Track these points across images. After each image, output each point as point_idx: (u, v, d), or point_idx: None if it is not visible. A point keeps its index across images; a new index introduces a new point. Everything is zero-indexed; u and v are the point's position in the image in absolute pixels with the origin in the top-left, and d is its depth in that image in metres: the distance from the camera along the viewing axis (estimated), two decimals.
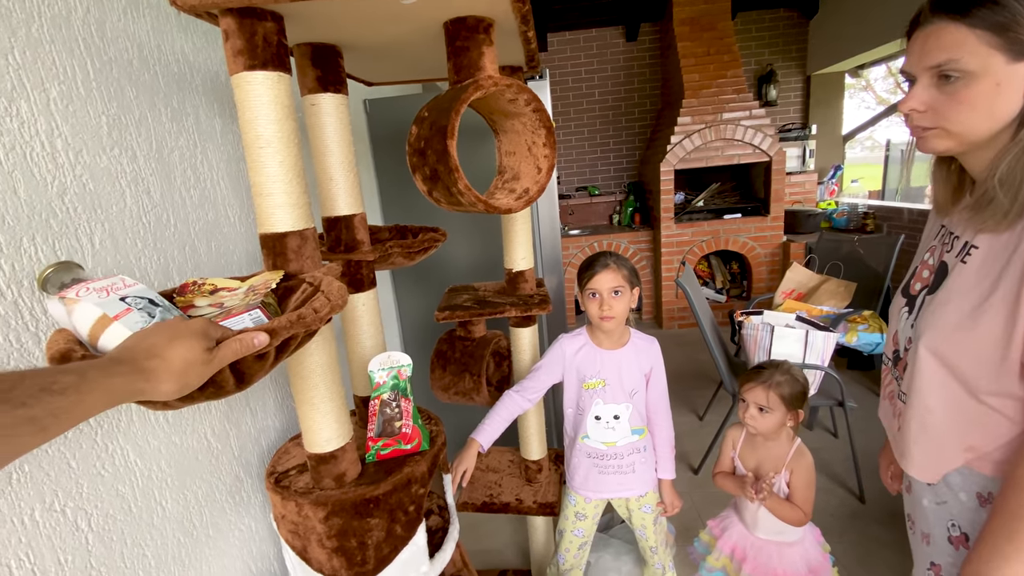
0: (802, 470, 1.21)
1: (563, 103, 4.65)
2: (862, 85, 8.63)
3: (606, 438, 1.27)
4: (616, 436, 1.27)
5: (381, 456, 0.94)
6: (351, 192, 0.96)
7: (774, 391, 1.21)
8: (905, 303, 0.84)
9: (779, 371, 1.24)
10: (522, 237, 1.31)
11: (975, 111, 0.63)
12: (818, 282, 2.85)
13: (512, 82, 0.78)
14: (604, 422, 1.26)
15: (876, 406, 2.66)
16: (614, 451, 1.28)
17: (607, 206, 4.73)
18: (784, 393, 1.21)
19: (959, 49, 0.61)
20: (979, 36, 0.60)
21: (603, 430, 1.27)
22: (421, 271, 1.98)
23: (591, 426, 1.27)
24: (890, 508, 1.91)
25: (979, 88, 0.62)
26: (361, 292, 1.00)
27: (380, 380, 0.93)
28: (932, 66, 0.64)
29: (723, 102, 3.73)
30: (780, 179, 3.72)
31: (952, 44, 0.61)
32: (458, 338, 1.38)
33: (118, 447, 0.73)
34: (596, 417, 1.26)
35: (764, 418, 1.22)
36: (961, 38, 0.61)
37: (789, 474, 1.21)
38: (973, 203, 0.70)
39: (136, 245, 0.79)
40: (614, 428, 1.27)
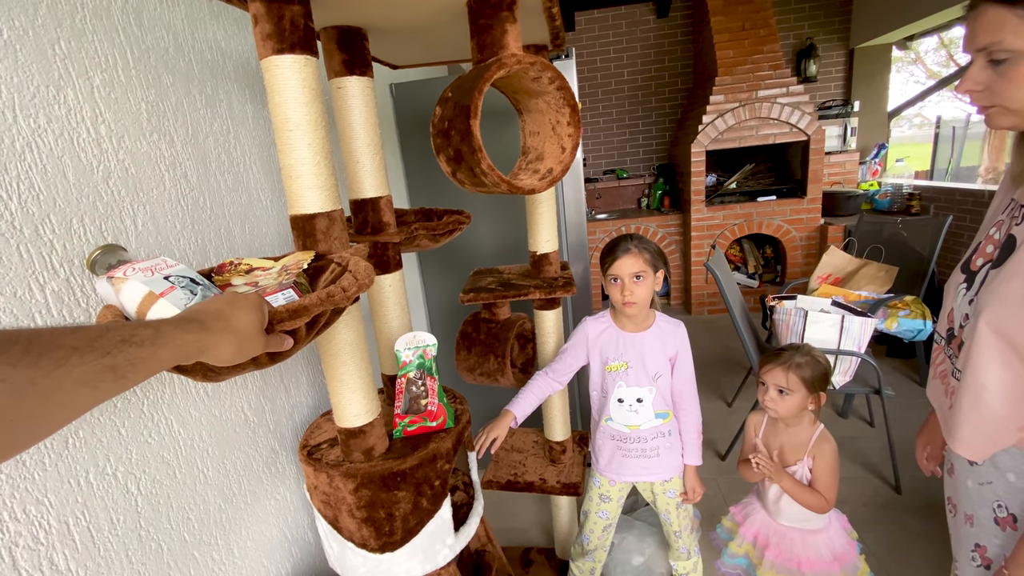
0: (825, 456, 1.18)
1: (591, 84, 4.56)
2: (911, 58, 8.15)
3: (629, 421, 1.27)
4: (639, 419, 1.27)
5: (408, 432, 0.96)
6: (377, 175, 0.97)
7: (794, 372, 1.19)
8: (964, 279, 0.81)
9: (800, 353, 1.22)
10: (547, 219, 1.31)
11: None
12: (857, 266, 2.75)
13: (536, 60, 0.77)
14: (627, 405, 1.26)
15: (917, 394, 2.58)
16: (637, 434, 1.28)
17: (635, 189, 4.65)
18: (805, 375, 1.19)
19: (1001, 30, 0.62)
20: (1020, 16, 0.61)
21: (626, 413, 1.27)
22: (447, 254, 2.00)
23: (614, 408, 1.27)
24: (926, 499, 1.86)
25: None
26: (388, 274, 1.02)
27: (406, 359, 0.96)
28: (980, 48, 0.66)
29: (759, 79, 3.59)
30: (818, 159, 3.57)
31: (995, 26, 0.63)
32: (483, 320, 1.39)
33: (163, 417, 0.77)
34: (619, 400, 1.26)
35: (784, 400, 1.20)
36: (1002, 19, 0.62)
37: (812, 460, 1.19)
38: None
39: (175, 227, 0.83)
40: (637, 411, 1.26)
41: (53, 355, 0.31)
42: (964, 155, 5.14)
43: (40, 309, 0.60)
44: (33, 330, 0.32)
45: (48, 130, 0.62)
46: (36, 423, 0.31)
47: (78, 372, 0.32)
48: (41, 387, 0.30)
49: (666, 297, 4.40)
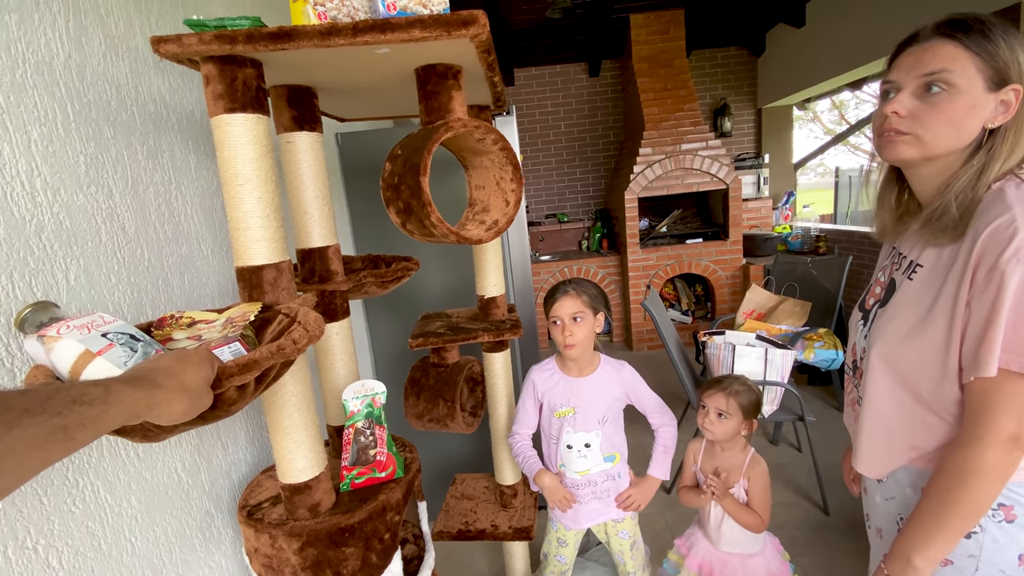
0: (758, 477, 1.28)
1: (531, 135, 4.80)
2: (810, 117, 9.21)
3: (579, 467, 1.30)
4: (589, 464, 1.30)
5: (356, 485, 0.95)
6: (325, 225, 0.99)
7: (734, 398, 1.29)
8: (861, 317, 0.92)
9: (738, 382, 1.33)
10: (493, 264, 1.36)
11: (949, 123, 0.71)
12: (776, 302, 2.99)
13: (480, 123, 0.84)
14: (576, 451, 1.29)
15: (836, 419, 2.79)
16: (588, 479, 1.31)
17: (576, 232, 4.85)
18: (742, 401, 1.29)
19: (953, 63, 0.69)
20: (971, 58, 0.69)
21: (576, 459, 1.29)
22: (394, 299, 2.00)
23: (564, 455, 1.30)
24: (853, 519, 1.99)
25: (959, 103, 0.70)
26: (335, 321, 1.02)
27: (354, 408, 0.95)
28: (926, 73, 0.71)
29: (681, 134, 3.93)
30: (737, 205, 3.92)
31: (948, 58, 0.70)
32: (432, 365, 1.40)
33: (88, 483, 0.72)
34: (568, 446, 1.29)
35: (722, 424, 1.29)
36: (955, 54, 0.69)
37: (747, 481, 1.28)
38: (924, 219, 0.77)
39: (110, 280, 0.80)
40: (586, 456, 1.29)
41: (5, 417, 0.31)
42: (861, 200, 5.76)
43: None
44: None
45: None
46: None
47: (30, 434, 0.32)
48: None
49: (608, 335, 4.55)
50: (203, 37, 0.69)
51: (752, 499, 1.27)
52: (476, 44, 0.75)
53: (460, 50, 0.79)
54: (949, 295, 0.73)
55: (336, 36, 0.70)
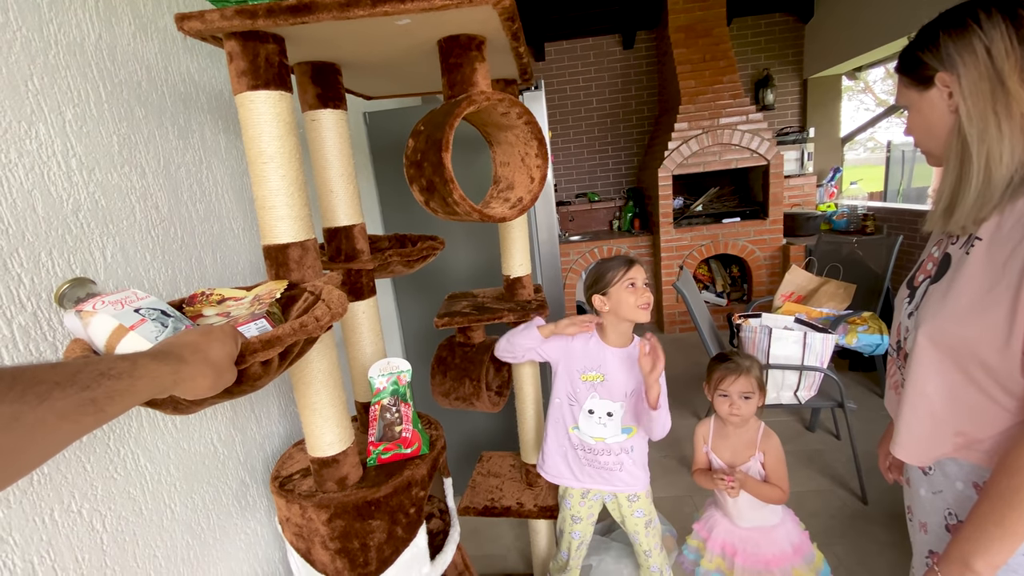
0: (773, 449, 1.28)
1: (561, 111, 4.70)
2: (860, 87, 8.66)
3: (596, 433, 1.29)
4: (607, 432, 1.30)
5: (382, 460, 0.96)
6: (351, 203, 0.99)
7: (754, 376, 1.28)
8: (908, 294, 0.87)
9: (745, 358, 1.32)
10: (519, 244, 1.34)
11: (918, 133, 0.81)
12: (817, 284, 2.87)
13: (504, 96, 0.81)
14: (597, 417, 1.28)
15: (878, 406, 2.68)
16: (603, 446, 1.30)
17: (607, 212, 4.76)
18: (757, 375, 1.29)
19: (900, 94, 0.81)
20: (903, 82, 0.80)
21: (594, 425, 1.29)
22: (421, 279, 2.01)
23: (583, 419, 1.29)
24: (891, 508, 1.92)
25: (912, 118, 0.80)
26: (361, 300, 1.03)
27: (380, 386, 0.96)
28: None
29: (720, 107, 3.76)
30: (778, 182, 3.75)
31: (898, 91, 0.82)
32: (458, 344, 1.40)
33: (129, 451, 0.76)
34: (589, 411, 1.28)
35: (748, 404, 1.28)
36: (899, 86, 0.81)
37: (763, 455, 1.26)
38: None
39: (145, 258, 0.83)
40: (605, 424, 1.29)
41: (36, 390, 0.32)
42: (914, 176, 5.44)
43: (7, 344, 0.59)
44: (15, 367, 0.33)
45: (19, 164, 0.63)
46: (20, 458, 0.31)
47: (60, 406, 0.33)
48: (26, 422, 0.31)
49: None
50: (225, 13, 0.69)
51: (770, 472, 1.27)
52: (499, 11, 0.72)
53: (483, 19, 0.76)
54: (1014, 271, 0.67)
55: (355, 7, 0.68)
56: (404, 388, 0.97)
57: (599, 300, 1.23)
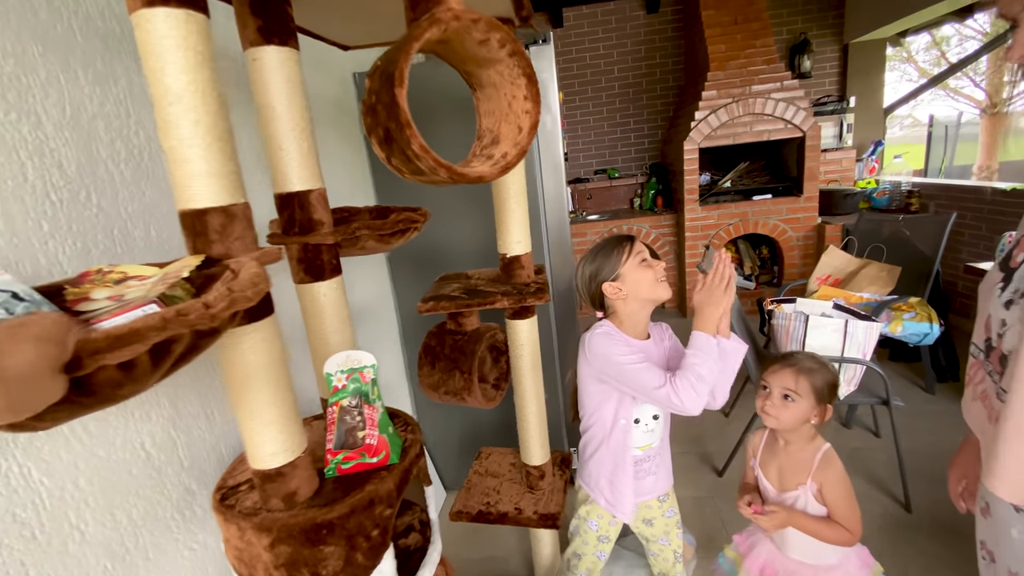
0: (834, 480, 1.04)
1: (580, 81, 4.43)
2: (903, 56, 8.09)
3: (642, 442, 1.14)
4: (654, 437, 1.15)
5: (342, 471, 0.81)
6: (305, 164, 0.82)
7: (804, 376, 1.05)
8: (1002, 279, 0.67)
9: (810, 358, 1.09)
10: (517, 217, 1.16)
11: None
12: (857, 266, 2.61)
13: (480, 17, 0.63)
14: (643, 424, 1.12)
15: (921, 402, 2.44)
16: (648, 454, 1.15)
17: (628, 189, 4.51)
18: (815, 382, 1.05)
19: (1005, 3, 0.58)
20: None
21: (643, 434, 1.13)
22: (420, 258, 1.85)
23: (636, 433, 1.12)
24: (940, 519, 1.71)
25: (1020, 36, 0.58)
26: (321, 281, 0.87)
27: (338, 383, 0.80)
28: None
29: (752, 74, 3.46)
30: (815, 156, 3.45)
31: None
32: (448, 332, 1.24)
33: (15, 464, 0.61)
34: (636, 420, 1.11)
35: (787, 407, 1.06)
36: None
37: (818, 487, 1.04)
38: None
39: (41, 227, 0.67)
40: (652, 429, 1.13)
41: None
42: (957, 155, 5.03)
43: None
44: None
45: None
46: None
47: None
48: None
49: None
50: None
51: (833, 508, 1.04)
52: None
53: None
54: None
55: None
56: (368, 387, 0.81)
57: (612, 288, 1.05)
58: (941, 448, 2.07)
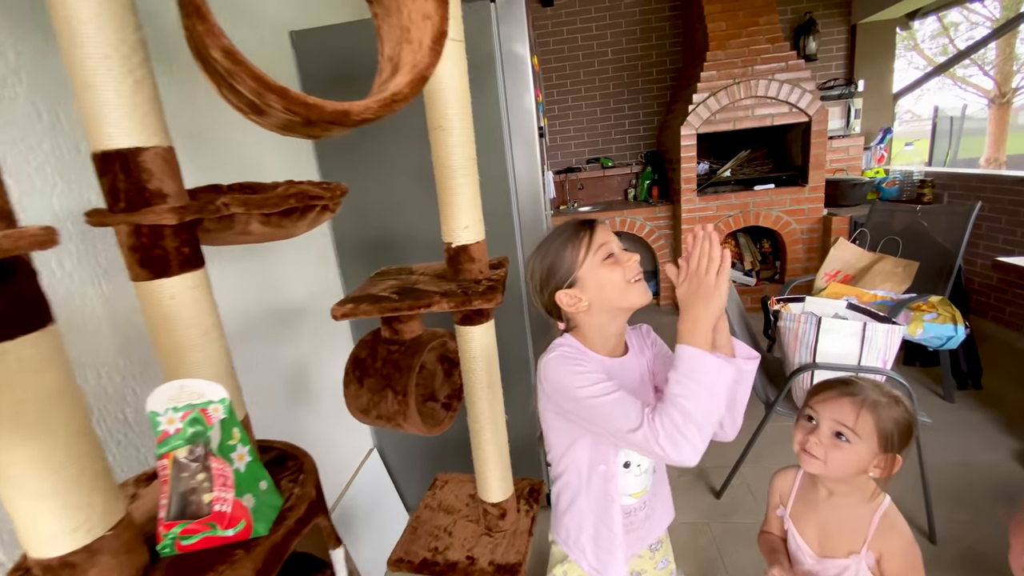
0: (899, 552, 0.79)
1: (572, 64, 4.17)
2: (910, 44, 7.84)
3: (635, 488, 0.88)
4: (646, 480, 0.89)
5: (184, 548, 0.57)
6: (132, 110, 0.57)
7: (869, 412, 0.79)
8: None
9: (877, 388, 0.82)
10: (464, 195, 0.91)
11: None
12: (870, 261, 2.38)
13: None
14: (635, 467, 0.87)
15: (939, 411, 2.21)
16: (643, 500, 0.90)
17: (622, 179, 4.26)
18: (882, 421, 0.79)
19: None
20: None
21: (633, 479, 0.88)
22: (375, 249, 1.60)
23: (621, 479, 0.87)
24: (968, 550, 1.48)
25: None
26: (167, 277, 0.62)
27: (169, 428, 0.55)
28: None
29: (755, 53, 3.21)
30: (821, 143, 3.20)
31: None
32: (383, 340, 0.99)
33: None
34: (624, 464, 0.86)
35: (840, 449, 0.80)
36: None
37: (876, 558, 0.80)
38: None
39: None
40: (645, 471, 0.88)
41: None
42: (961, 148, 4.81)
43: None
44: None
45: None
46: None
47: None
48: None
49: (656, 297, 4.02)
50: None
51: None
52: None
53: None
54: None
55: None
56: (211, 430, 0.56)
57: (569, 298, 0.80)
58: (967, 467, 1.84)
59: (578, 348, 0.82)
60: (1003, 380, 2.36)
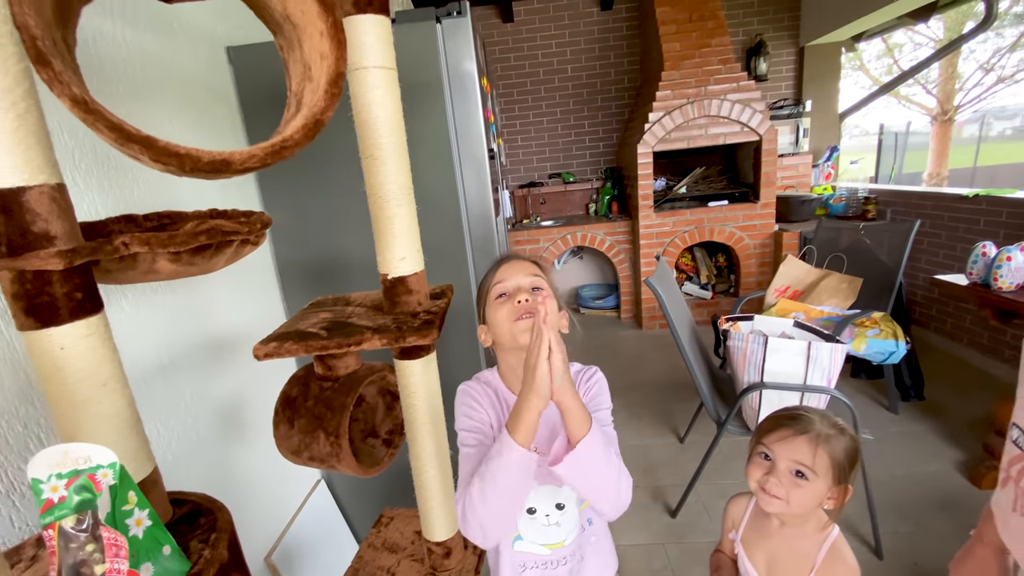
0: None
1: (533, 80, 4.20)
2: (855, 64, 8.26)
3: (548, 539, 0.84)
4: (564, 532, 0.84)
5: None
6: (12, 146, 0.52)
7: (824, 448, 0.79)
8: None
9: (825, 421, 0.82)
10: (399, 226, 0.88)
11: None
12: (817, 277, 2.46)
13: None
14: (542, 516, 0.83)
15: (885, 423, 2.29)
16: (562, 554, 0.85)
17: (583, 194, 4.31)
18: (836, 454, 0.79)
19: None
20: None
21: (542, 528, 0.83)
22: (321, 275, 1.54)
23: (524, 525, 0.84)
24: (912, 562, 1.52)
25: None
26: (56, 326, 0.56)
27: (52, 496, 0.50)
28: None
29: (707, 74, 3.31)
30: (771, 161, 3.31)
31: None
32: (316, 377, 0.95)
33: None
34: (530, 510, 0.83)
35: (801, 489, 0.79)
36: None
37: None
38: None
39: None
40: (558, 523, 0.83)
41: None
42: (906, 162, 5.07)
43: None
44: None
45: None
46: None
47: None
48: None
49: (616, 311, 4.06)
50: None
51: None
52: None
53: None
54: None
55: None
56: (100, 497, 0.51)
57: (482, 333, 0.81)
58: (911, 479, 1.91)
59: (484, 385, 0.82)
60: (945, 390, 2.47)
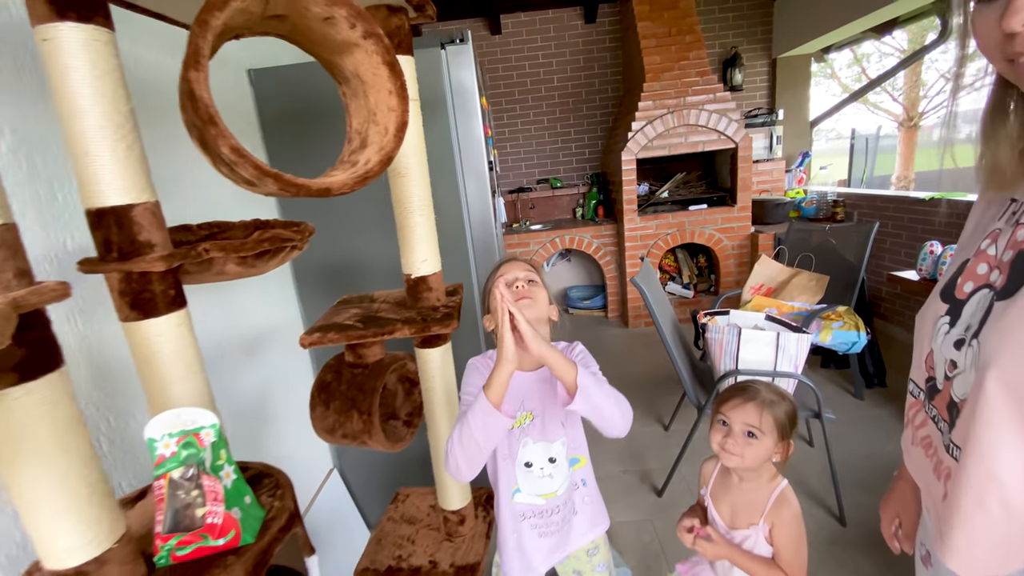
0: (786, 522, 0.95)
1: (521, 89, 4.36)
2: (827, 73, 8.61)
3: (543, 489, 1.01)
4: (555, 483, 1.01)
5: (179, 558, 0.64)
6: (122, 171, 0.65)
7: (768, 411, 0.96)
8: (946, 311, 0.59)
9: (769, 389, 1.00)
10: (421, 232, 1.02)
11: None
12: (788, 275, 2.65)
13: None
14: (538, 469, 1.00)
15: (852, 408, 2.48)
16: (554, 503, 1.02)
17: (570, 199, 4.48)
18: (778, 415, 0.97)
19: None
20: None
21: (536, 480, 1.00)
22: (333, 276, 1.67)
23: (522, 476, 1.00)
24: (874, 532, 1.70)
25: None
26: (153, 317, 0.70)
27: (165, 451, 0.63)
28: None
29: (686, 85, 3.50)
30: (747, 167, 3.52)
31: None
32: (347, 364, 1.08)
33: None
34: (527, 464, 0.99)
35: (752, 447, 0.96)
36: None
37: (769, 528, 0.96)
38: None
39: None
40: (551, 475, 1.00)
41: None
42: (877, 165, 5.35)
43: None
44: None
45: None
46: None
47: None
48: None
49: (603, 310, 4.23)
50: None
51: (778, 551, 0.96)
52: None
53: None
54: None
55: None
56: (203, 452, 0.65)
57: (486, 321, 0.97)
58: (872, 457, 2.09)
59: (488, 360, 1.00)
60: (905, 378, 2.67)
